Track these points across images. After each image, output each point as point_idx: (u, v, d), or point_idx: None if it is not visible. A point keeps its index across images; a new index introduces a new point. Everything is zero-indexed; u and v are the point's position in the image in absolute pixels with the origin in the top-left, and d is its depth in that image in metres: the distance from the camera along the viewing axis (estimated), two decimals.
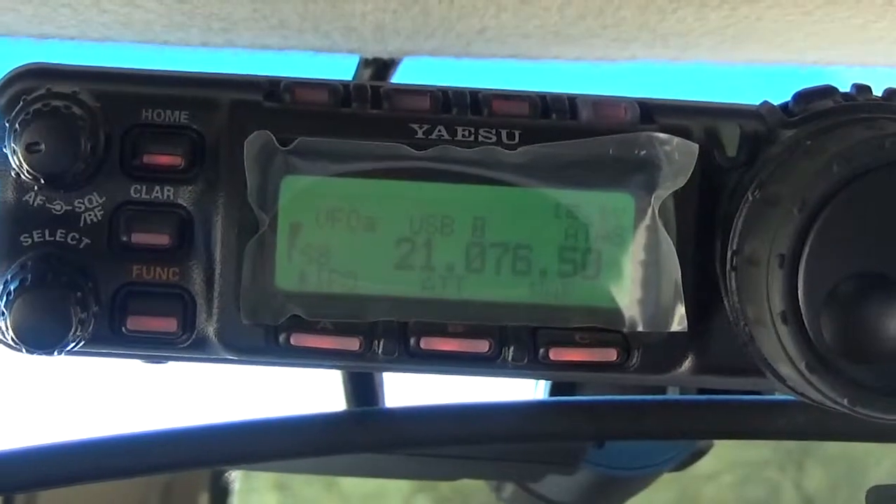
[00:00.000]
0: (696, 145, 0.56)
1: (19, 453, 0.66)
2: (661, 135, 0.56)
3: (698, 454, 0.92)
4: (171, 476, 1.11)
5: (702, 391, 0.71)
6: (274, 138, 0.55)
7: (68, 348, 0.54)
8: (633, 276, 0.56)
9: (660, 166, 0.56)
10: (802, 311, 0.50)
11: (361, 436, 0.69)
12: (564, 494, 0.98)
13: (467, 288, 0.56)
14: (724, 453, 2.10)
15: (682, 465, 0.93)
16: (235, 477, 1.17)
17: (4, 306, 0.53)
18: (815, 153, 0.52)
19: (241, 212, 0.55)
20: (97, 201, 0.55)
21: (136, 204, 0.55)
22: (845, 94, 0.57)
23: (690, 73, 0.71)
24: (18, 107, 0.53)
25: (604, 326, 0.56)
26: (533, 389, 0.89)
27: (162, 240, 0.55)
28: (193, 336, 0.56)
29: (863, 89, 0.57)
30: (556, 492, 0.98)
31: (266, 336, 0.55)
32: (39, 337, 0.53)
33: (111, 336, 0.55)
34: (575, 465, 0.88)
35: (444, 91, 0.56)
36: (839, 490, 2.14)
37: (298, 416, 0.68)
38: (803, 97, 0.57)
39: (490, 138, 0.55)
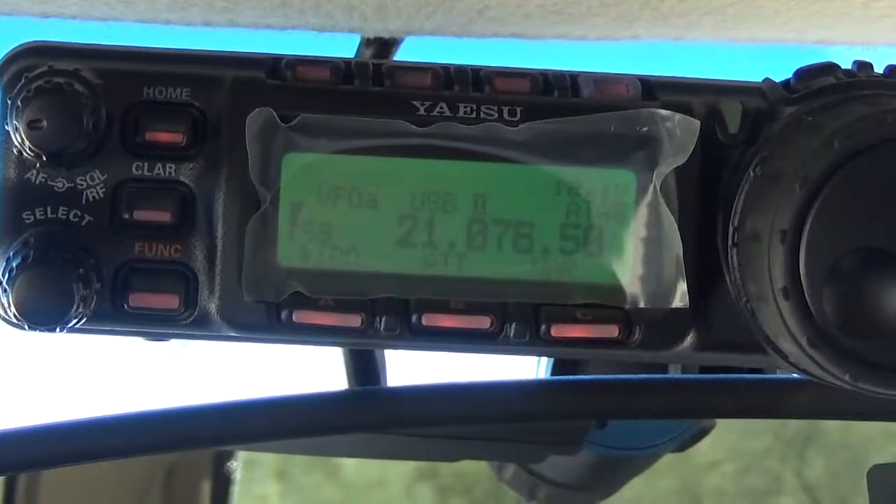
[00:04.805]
0: (698, 122, 0.56)
1: (22, 432, 0.67)
2: (663, 111, 0.56)
3: (701, 434, 0.92)
4: (173, 465, 1.12)
5: (704, 369, 0.72)
6: (276, 115, 0.55)
7: (70, 325, 0.54)
8: (635, 253, 0.56)
9: (661, 143, 0.56)
10: (804, 287, 0.50)
11: (363, 415, 0.69)
12: (566, 475, 0.98)
13: (469, 265, 0.56)
14: (725, 442, 2.11)
15: (685, 445, 0.94)
16: (237, 466, 1.18)
17: (7, 283, 0.53)
18: (817, 129, 0.52)
19: (242, 189, 0.55)
20: (99, 178, 0.55)
21: (137, 181, 0.55)
22: (847, 71, 0.57)
23: (693, 52, 0.71)
24: (20, 84, 0.54)
25: (605, 303, 0.56)
26: (535, 369, 0.89)
27: (164, 217, 0.55)
28: (195, 313, 0.56)
29: (864, 66, 0.57)
30: (558, 472, 0.98)
31: (268, 313, 0.55)
32: (41, 313, 0.53)
33: (113, 313, 0.55)
34: (577, 446, 0.88)
35: (446, 68, 0.57)
36: (840, 479, 2.14)
37: (299, 396, 0.68)
38: (805, 74, 0.57)
39: (492, 115, 0.56)
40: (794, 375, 0.56)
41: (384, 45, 0.68)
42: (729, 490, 2.20)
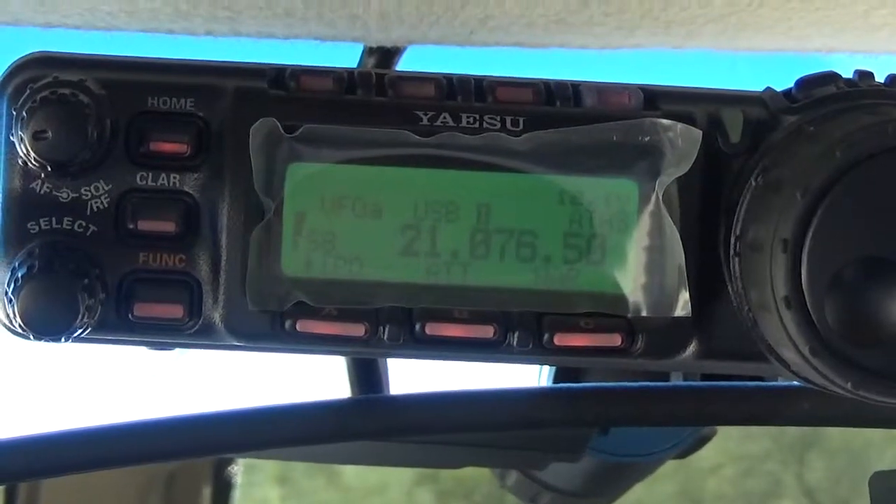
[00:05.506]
0: (700, 131, 0.56)
1: (23, 441, 0.67)
2: (665, 121, 0.56)
3: (702, 441, 0.92)
4: (174, 470, 1.12)
5: (706, 377, 0.72)
6: (279, 125, 0.55)
7: (75, 335, 0.54)
8: (638, 262, 0.56)
9: (663, 152, 0.56)
10: (806, 296, 0.51)
11: (366, 423, 0.69)
12: (569, 482, 0.98)
13: (472, 274, 0.56)
14: (725, 446, 2.11)
15: (687, 451, 0.94)
16: (238, 470, 1.18)
17: (12, 293, 0.53)
18: (818, 139, 0.53)
19: (246, 199, 0.55)
20: (103, 189, 0.56)
21: (142, 191, 0.56)
22: (848, 81, 0.57)
23: (694, 61, 0.71)
24: (25, 95, 0.54)
25: (608, 312, 0.56)
26: (537, 377, 0.89)
27: (168, 227, 0.55)
28: (200, 322, 0.56)
29: (865, 75, 0.57)
30: (560, 479, 0.98)
31: (272, 322, 0.56)
32: (47, 323, 0.53)
33: (118, 323, 0.56)
34: (579, 452, 0.88)
35: (449, 78, 0.57)
36: (840, 483, 2.14)
37: (303, 404, 0.68)
38: (806, 83, 0.57)
39: (494, 125, 0.56)
40: (795, 383, 0.56)
41: (387, 55, 0.68)
42: (729, 494, 2.21)
